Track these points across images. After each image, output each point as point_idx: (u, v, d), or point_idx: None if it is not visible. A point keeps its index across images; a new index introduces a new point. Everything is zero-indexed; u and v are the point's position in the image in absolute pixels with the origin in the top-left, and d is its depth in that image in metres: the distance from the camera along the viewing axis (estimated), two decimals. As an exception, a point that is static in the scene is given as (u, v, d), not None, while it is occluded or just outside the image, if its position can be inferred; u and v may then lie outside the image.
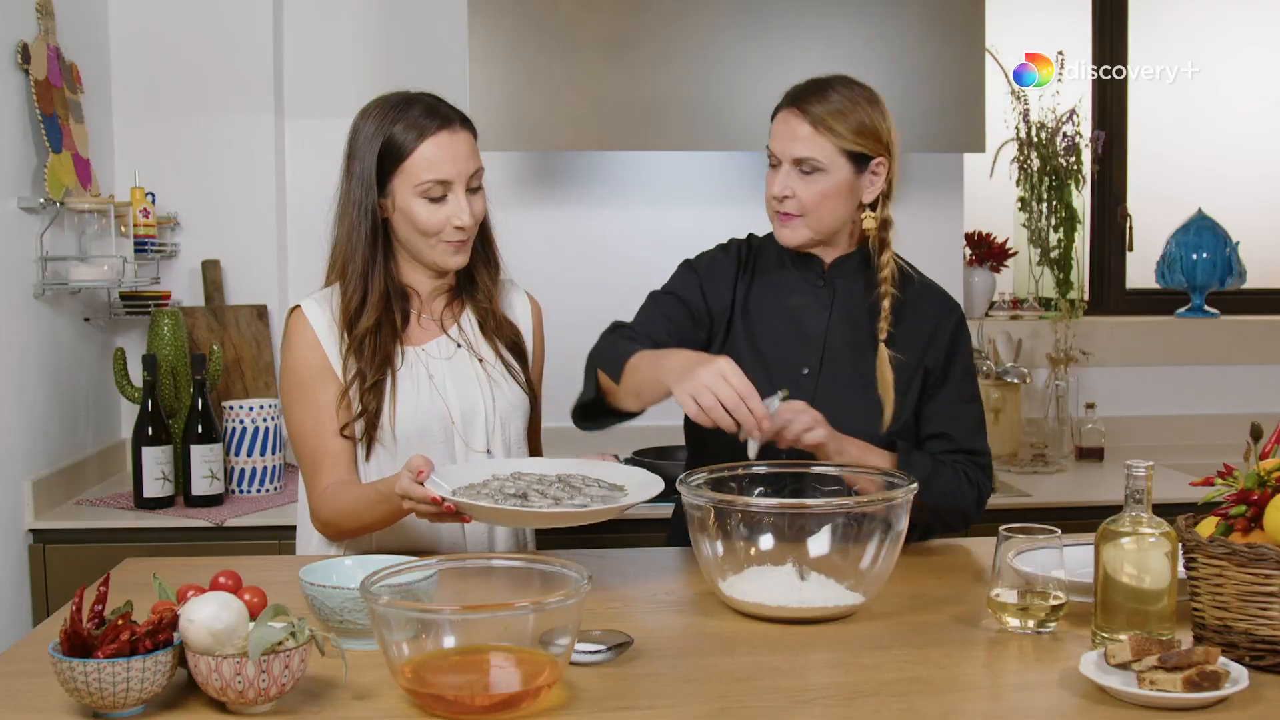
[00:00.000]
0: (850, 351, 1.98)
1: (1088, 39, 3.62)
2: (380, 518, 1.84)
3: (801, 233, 1.96)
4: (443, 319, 2.03)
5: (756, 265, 2.06)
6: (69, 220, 2.76)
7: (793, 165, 1.92)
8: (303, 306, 1.96)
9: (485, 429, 1.99)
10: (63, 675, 1.27)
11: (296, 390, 1.95)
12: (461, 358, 2.01)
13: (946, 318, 2.01)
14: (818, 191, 1.92)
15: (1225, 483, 1.54)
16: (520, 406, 2.04)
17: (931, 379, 1.98)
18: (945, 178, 3.30)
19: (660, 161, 3.24)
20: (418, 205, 1.90)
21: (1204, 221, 3.57)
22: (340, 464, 1.92)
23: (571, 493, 1.71)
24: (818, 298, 2.01)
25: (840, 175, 1.91)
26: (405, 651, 1.32)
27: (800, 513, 1.62)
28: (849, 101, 1.91)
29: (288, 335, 1.97)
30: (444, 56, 3.06)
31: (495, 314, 2.05)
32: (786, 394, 1.78)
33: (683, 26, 2.87)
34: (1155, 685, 1.30)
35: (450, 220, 1.91)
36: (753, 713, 1.32)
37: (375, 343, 1.93)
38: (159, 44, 3.05)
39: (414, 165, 1.89)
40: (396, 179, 1.91)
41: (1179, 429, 3.49)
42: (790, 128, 1.92)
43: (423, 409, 1.94)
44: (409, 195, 1.90)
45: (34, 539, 2.55)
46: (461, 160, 1.92)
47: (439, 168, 1.89)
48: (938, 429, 1.97)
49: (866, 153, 1.92)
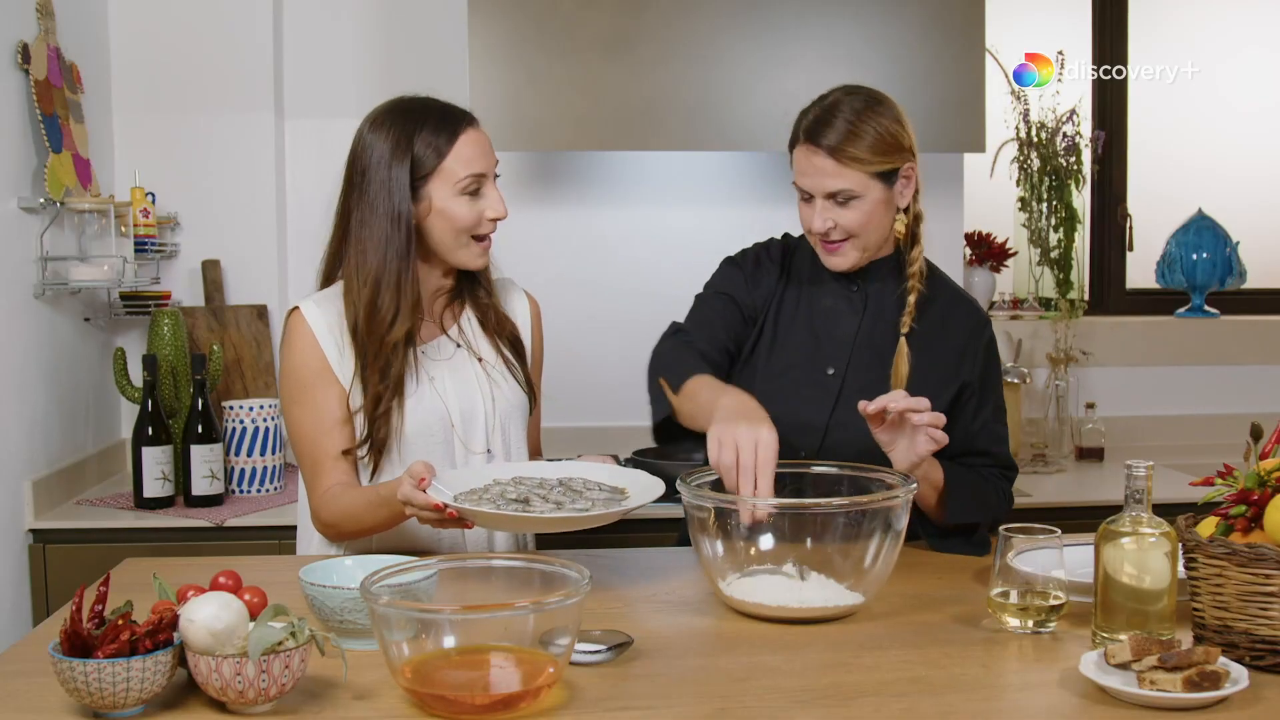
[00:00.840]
0: (878, 356, 1.98)
1: (1088, 39, 3.62)
2: (381, 521, 1.84)
3: (852, 255, 1.96)
4: (442, 319, 2.03)
5: (792, 269, 2.07)
6: (69, 220, 2.76)
7: (827, 199, 1.91)
8: (301, 308, 1.96)
9: (485, 429, 1.99)
10: (63, 675, 1.27)
11: (296, 392, 1.94)
12: (461, 358, 2.01)
13: (980, 331, 2.02)
14: (860, 216, 1.91)
15: (1225, 483, 1.54)
16: (520, 406, 2.04)
17: (968, 393, 1.98)
18: (945, 178, 3.30)
19: (660, 161, 3.24)
20: (456, 204, 1.91)
21: (1204, 221, 3.56)
22: (341, 465, 1.92)
23: (573, 496, 1.71)
24: (850, 301, 2.02)
25: (875, 196, 1.91)
26: (405, 651, 1.32)
27: (800, 513, 1.62)
28: (859, 119, 1.88)
29: (287, 337, 1.97)
30: (444, 56, 3.06)
31: (496, 310, 2.06)
32: None
33: (683, 26, 2.87)
34: (1155, 685, 1.30)
35: (485, 213, 1.93)
36: (753, 713, 1.32)
37: (402, 358, 1.92)
38: (159, 44, 3.05)
39: (452, 165, 1.91)
40: (434, 181, 1.91)
41: (1179, 429, 3.49)
42: (814, 165, 1.90)
43: (423, 411, 1.94)
44: (448, 195, 1.91)
45: (34, 539, 2.55)
46: (489, 153, 1.96)
47: (474, 162, 1.92)
48: (983, 447, 1.99)
49: (894, 167, 1.91)
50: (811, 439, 1.95)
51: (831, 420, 1.96)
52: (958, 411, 1.97)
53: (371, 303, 1.91)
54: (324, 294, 1.99)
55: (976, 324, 2.03)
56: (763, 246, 2.11)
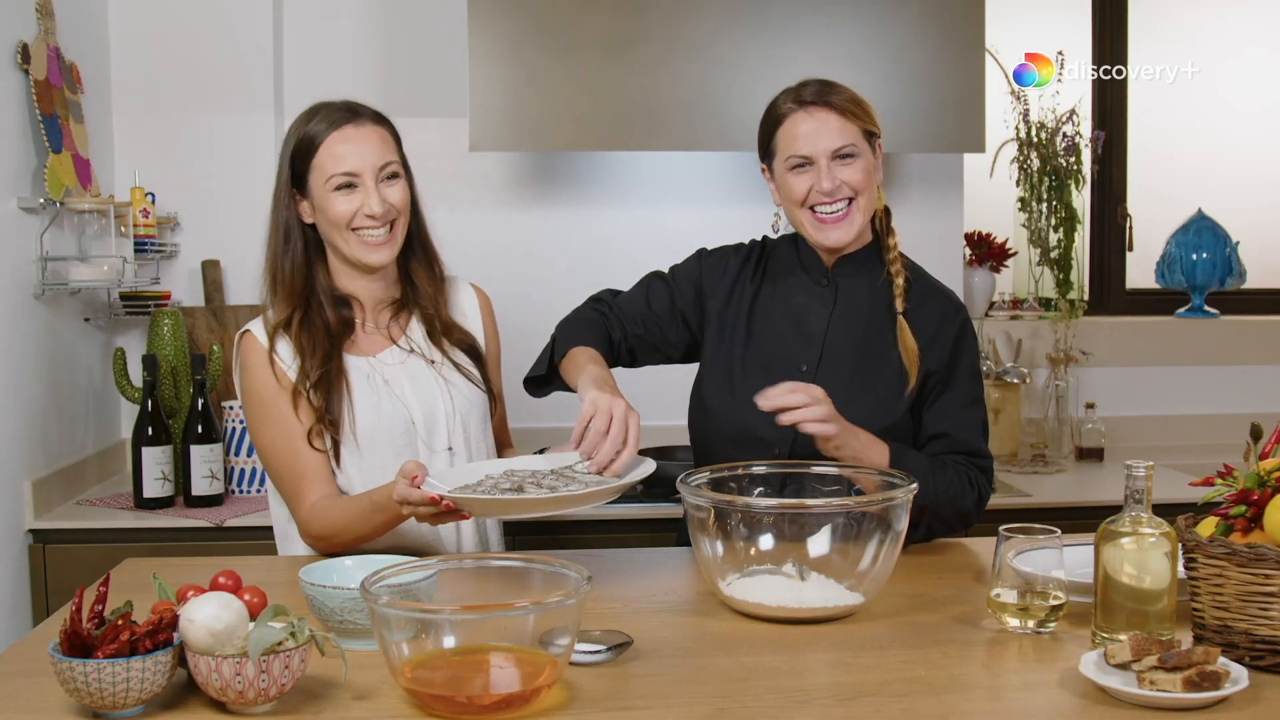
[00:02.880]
0: (850, 350, 1.99)
1: (1088, 39, 3.62)
2: (377, 527, 1.85)
3: (857, 220, 1.98)
4: (390, 330, 2.05)
5: (768, 268, 2.08)
6: (69, 220, 2.76)
7: (830, 159, 1.94)
8: (252, 330, 1.99)
9: (446, 427, 2.01)
10: (63, 675, 1.27)
11: (260, 412, 1.96)
12: (414, 362, 2.03)
13: (950, 319, 2.01)
14: (862, 174, 1.96)
15: (1225, 483, 1.54)
16: (478, 403, 2.06)
17: (932, 381, 1.98)
18: (945, 178, 3.30)
19: (660, 161, 3.24)
20: (330, 199, 1.95)
21: (1204, 221, 3.56)
22: (320, 477, 1.93)
23: (566, 482, 1.72)
24: (820, 297, 2.02)
25: (868, 156, 1.97)
26: (405, 651, 1.32)
27: (800, 513, 1.62)
28: (846, 88, 1.98)
29: (242, 362, 1.99)
30: (444, 56, 3.06)
31: (442, 319, 2.07)
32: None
33: (683, 26, 2.87)
34: (1155, 685, 1.30)
35: (361, 209, 1.94)
36: (753, 713, 1.32)
37: (309, 336, 1.95)
38: (159, 44, 3.05)
39: (321, 160, 1.95)
40: (311, 176, 1.96)
41: (1179, 429, 3.49)
42: (819, 121, 1.95)
43: (384, 413, 1.96)
44: (323, 191, 1.95)
45: (34, 539, 2.55)
46: (369, 152, 1.96)
47: (344, 160, 1.94)
48: (940, 429, 1.98)
49: (875, 130, 1.98)
50: (784, 436, 1.94)
51: None
52: (923, 399, 1.98)
53: (273, 300, 1.99)
54: (264, 318, 2.01)
55: (947, 313, 2.02)
56: (735, 248, 2.13)
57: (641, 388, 2.38)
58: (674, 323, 2.08)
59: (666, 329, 2.09)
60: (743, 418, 1.94)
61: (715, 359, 2.05)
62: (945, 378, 1.99)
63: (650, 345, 2.10)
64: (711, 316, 2.07)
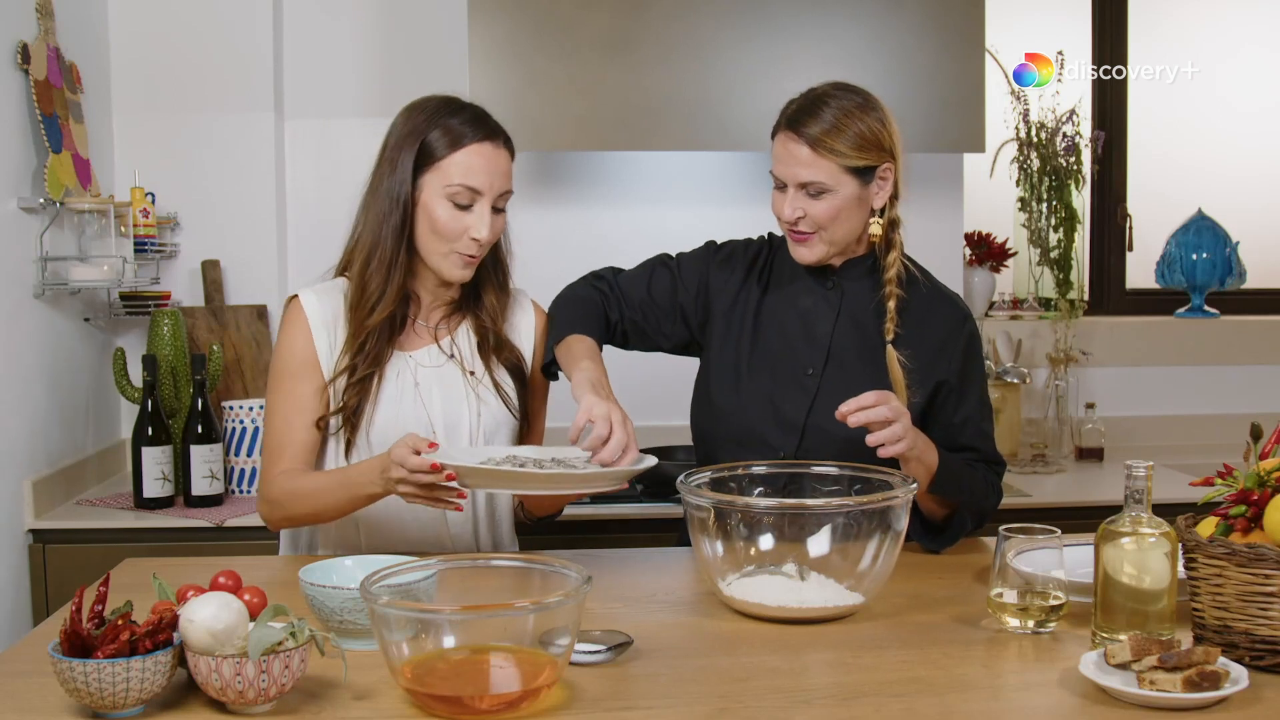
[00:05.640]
0: (856, 354, 1.98)
1: (1088, 39, 3.62)
2: (334, 504, 1.83)
3: (819, 249, 1.95)
4: (437, 329, 2.01)
5: (774, 269, 2.07)
6: (69, 220, 2.75)
7: (799, 188, 1.91)
8: (300, 296, 1.96)
9: (467, 441, 1.96)
10: (63, 675, 1.27)
11: (277, 378, 1.96)
12: (450, 369, 1.99)
13: (960, 327, 2.00)
14: (828, 209, 1.90)
15: (1225, 483, 1.54)
16: (506, 424, 2.01)
17: (945, 389, 1.97)
18: (945, 178, 3.30)
19: (660, 161, 3.24)
20: (441, 207, 1.89)
21: (1204, 221, 3.57)
22: (300, 455, 1.91)
23: (568, 470, 1.71)
24: (827, 300, 2.01)
25: (847, 191, 1.90)
26: (405, 651, 1.32)
27: (800, 513, 1.62)
28: (844, 114, 1.88)
29: (283, 323, 1.98)
30: (444, 56, 3.06)
31: (498, 335, 2.03)
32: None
33: (683, 26, 2.87)
34: (1155, 685, 1.30)
35: (469, 231, 1.89)
36: (753, 713, 1.32)
37: (380, 338, 1.92)
38: (159, 44, 3.05)
39: (449, 165, 1.89)
40: (429, 174, 1.89)
41: (1179, 429, 3.49)
42: (790, 152, 1.90)
43: (404, 415, 1.93)
44: (436, 194, 1.89)
45: (34, 539, 2.55)
46: (497, 175, 1.91)
47: (473, 175, 1.89)
48: (967, 442, 1.97)
49: (870, 164, 1.90)
50: (790, 438, 1.95)
51: (809, 420, 1.96)
52: (936, 408, 1.97)
53: (361, 277, 1.92)
54: (326, 285, 1.99)
55: (956, 321, 2.01)
56: (746, 243, 2.11)
57: (641, 387, 2.39)
58: (672, 316, 2.07)
59: (663, 321, 2.07)
60: (748, 418, 1.94)
61: (721, 358, 2.04)
62: (959, 387, 1.98)
63: (644, 333, 2.08)
64: (716, 316, 2.05)
